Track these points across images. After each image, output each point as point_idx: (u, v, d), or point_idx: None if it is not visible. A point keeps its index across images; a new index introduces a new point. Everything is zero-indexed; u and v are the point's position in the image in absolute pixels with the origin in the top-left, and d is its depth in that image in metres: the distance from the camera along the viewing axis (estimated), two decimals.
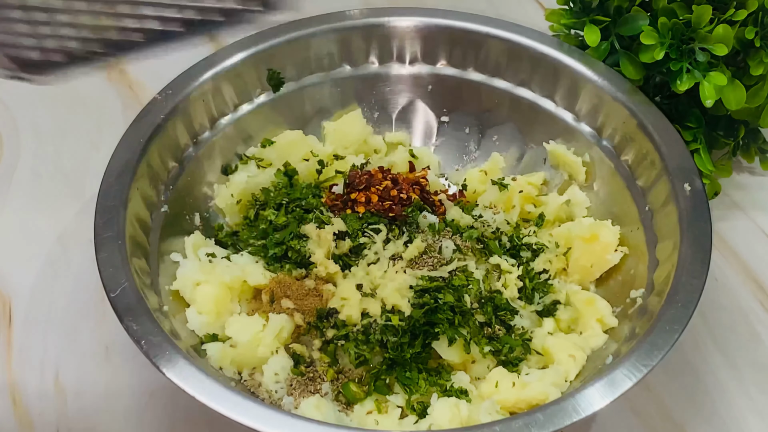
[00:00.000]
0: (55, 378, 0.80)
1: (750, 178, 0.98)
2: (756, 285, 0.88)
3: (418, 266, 0.81)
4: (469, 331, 0.74)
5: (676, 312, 0.67)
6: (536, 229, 0.86)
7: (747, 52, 0.84)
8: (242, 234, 0.84)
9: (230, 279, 0.77)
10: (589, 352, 0.74)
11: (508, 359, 0.75)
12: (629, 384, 0.63)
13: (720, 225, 0.92)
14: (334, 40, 0.90)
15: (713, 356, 0.82)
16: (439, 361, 0.75)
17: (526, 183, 0.88)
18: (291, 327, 0.76)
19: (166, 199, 0.80)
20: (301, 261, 0.80)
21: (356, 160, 0.91)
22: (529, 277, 0.81)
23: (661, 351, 0.64)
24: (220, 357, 0.73)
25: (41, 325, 0.84)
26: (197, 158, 0.85)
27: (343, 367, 0.75)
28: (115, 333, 0.72)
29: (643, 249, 0.78)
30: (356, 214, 0.84)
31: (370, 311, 0.76)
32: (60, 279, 0.88)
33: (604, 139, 0.86)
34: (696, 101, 0.84)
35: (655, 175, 0.79)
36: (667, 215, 0.76)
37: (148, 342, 0.64)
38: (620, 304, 0.77)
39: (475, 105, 0.93)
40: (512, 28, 0.90)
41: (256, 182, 0.87)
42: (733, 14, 0.81)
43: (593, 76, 0.85)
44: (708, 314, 0.85)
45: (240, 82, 0.87)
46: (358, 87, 0.93)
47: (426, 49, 0.92)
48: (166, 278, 0.76)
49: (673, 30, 0.81)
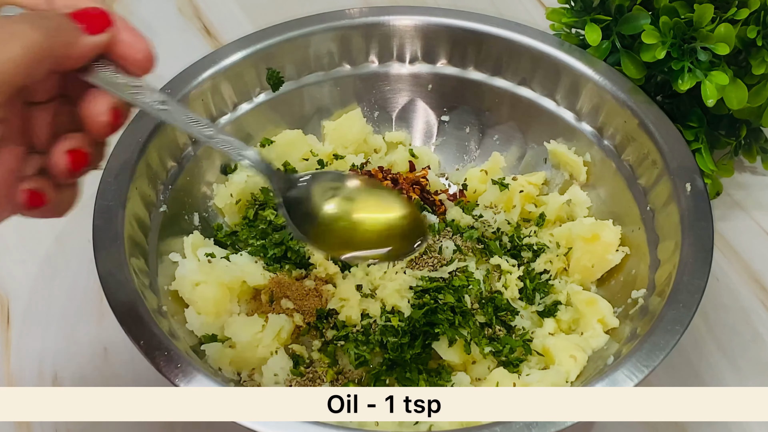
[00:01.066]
0: (54, 378, 0.80)
1: (752, 177, 0.98)
2: (758, 285, 0.87)
3: (418, 267, 0.81)
4: (470, 331, 0.74)
5: (678, 312, 0.67)
6: (537, 229, 0.85)
7: (749, 52, 0.84)
8: (241, 234, 0.84)
9: (229, 279, 0.77)
10: (590, 353, 0.74)
11: (509, 360, 0.75)
12: (630, 385, 0.62)
13: (722, 225, 0.92)
14: (333, 39, 0.90)
15: (715, 357, 0.82)
16: (439, 361, 0.74)
17: (527, 183, 0.88)
18: (290, 327, 0.76)
19: (165, 199, 0.80)
20: (300, 261, 0.80)
21: (356, 159, 0.91)
22: (529, 277, 0.81)
23: (663, 351, 0.64)
24: (219, 357, 0.73)
25: (40, 325, 0.84)
26: (196, 158, 0.84)
27: (343, 367, 0.75)
28: (113, 333, 0.72)
29: (645, 249, 0.78)
30: None
31: (369, 312, 0.76)
32: (58, 279, 0.87)
33: (605, 139, 0.86)
34: (697, 101, 0.84)
35: (657, 175, 0.79)
36: (669, 215, 0.76)
37: (146, 342, 0.64)
38: (621, 305, 0.77)
39: (476, 104, 0.93)
40: (513, 27, 0.89)
41: (256, 182, 0.86)
42: (735, 13, 0.81)
43: (594, 75, 0.85)
44: (710, 314, 0.84)
45: (239, 81, 0.87)
46: (357, 86, 0.93)
47: (426, 48, 0.92)
48: (164, 278, 0.76)
49: (675, 29, 0.81)
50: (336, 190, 0.65)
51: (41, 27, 0.46)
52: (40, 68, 0.47)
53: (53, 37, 0.47)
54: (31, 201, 0.51)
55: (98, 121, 0.51)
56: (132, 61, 0.52)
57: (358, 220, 0.65)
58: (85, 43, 0.49)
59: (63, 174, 0.51)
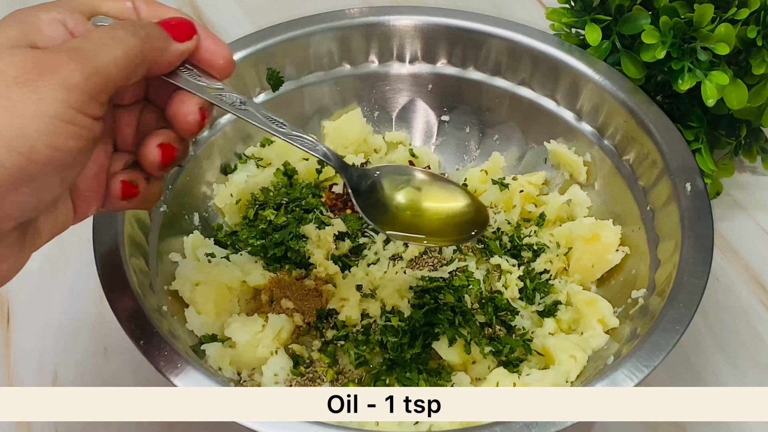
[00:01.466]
0: (54, 378, 0.80)
1: (752, 177, 0.98)
2: (758, 285, 0.87)
3: (418, 266, 0.81)
4: (470, 331, 0.74)
5: (678, 312, 0.67)
6: (537, 229, 0.85)
7: (749, 51, 0.84)
8: (241, 234, 0.84)
9: (229, 279, 0.77)
10: (590, 353, 0.74)
11: (509, 360, 0.75)
12: (630, 385, 0.62)
13: (722, 225, 0.92)
14: (333, 39, 0.90)
15: (715, 356, 0.82)
16: (439, 361, 0.74)
17: (527, 182, 0.88)
18: (290, 327, 0.76)
19: (165, 199, 0.80)
20: (300, 261, 0.80)
21: (356, 159, 0.91)
22: (529, 277, 0.81)
23: (663, 351, 0.64)
24: (219, 357, 0.73)
25: (40, 325, 0.84)
26: (196, 157, 0.84)
27: (343, 367, 0.75)
28: (113, 333, 0.72)
29: (645, 249, 0.78)
30: (356, 215, 0.84)
31: (369, 312, 0.76)
32: (58, 279, 0.87)
33: (605, 139, 0.86)
34: (697, 100, 0.84)
35: (657, 175, 0.79)
36: (669, 215, 0.76)
37: (146, 342, 0.64)
38: (621, 305, 0.77)
39: (476, 104, 0.93)
40: (513, 27, 0.89)
41: (256, 182, 0.86)
42: (735, 13, 0.81)
43: (594, 75, 0.85)
44: (710, 314, 0.84)
45: (239, 81, 0.87)
46: (357, 86, 0.93)
47: (426, 48, 0.92)
48: (164, 278, 0.76)
49: (675, 29, 0.81)
50: (405, 182, 0.70)
51: (137, 35, 0.51)
52: (137, 72, 0.51)
53: (148, 44, 0.51)
54: (125, 191, 0.55)
55: (188, 120, 0.55)
56: (215, 65, 0.57)
57: (425, 209, 0.69)
58: (174, 50, 0.54)
59: (154, 166, 0.55)
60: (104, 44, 0.49)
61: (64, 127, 0.47)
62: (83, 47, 0.49)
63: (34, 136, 0.46)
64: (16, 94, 0.46)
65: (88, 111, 0.48)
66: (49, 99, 0.46)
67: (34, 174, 0.47)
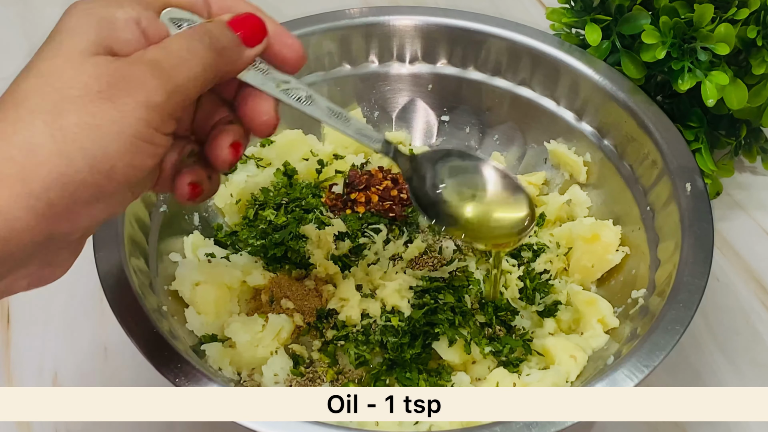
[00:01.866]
0: (54, 378, 0.80)
1: (752, 177, 0.98)
2: (758, 285, 0.87)
3: (419, 266, 0.81)
4: (470, 331, 0.74)
5: (678, 312, 0.67)
6: (537, 229, 0.85)
7: (749, 51, 0.84)
8: (241, 234, 0.84)
9: (229, 279, 0.77)
10: (590, 353, 0.74)
11: (509, 360, 0.75)
12: (630, 385, 0.62)
13: (722, 225, 0.92)
14: (333, 39, 0.90)
15: (715, 357, 0.82)
16: (439, 361, 0.74)
17: (527, 183, 0.88)
18: (290, 327, 0.76)
19: (165, 199, 0.80)
20: (300, 261, 0.80)
21: (356, 159, 0.90)
22: (529, 277, 0.81)
23: (663, 351, 0.64)
24: (219, 357, 0.73)
25: (40, 325, 0.84)
26: None
27: (343, 367, 0.75)
28: (113, 333, 0.72)
29: (645, 249, 0.78)
30: (356, 215, 0.84)
31: (369, 312, 0.76)
32: (58, 279, 0.87)
33: (605, 139, 0.86)
34: (697, 100, 0.84)
35: (657, 175, 0.79)
36: (669, 215, 0.76)
37: (146, 342, 0.64)
38: (621, 305, 0.77)
39: (476, 104, 0.93)
40: (513, 27, 0.89)
41: (256, 182, 0.86)
42: (735, 13, 0.81)
43: (594, 75, 0.85)
44: (710, 315, 0.84)
45: None
46: (357, 86, 0.93)
47: (426, 48, 0.92)
48: (164, 278, 0.76)
49: (675, 29, 0.81)
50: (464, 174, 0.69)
51: (214, 47, 0.51)
52: (211, 82, 0.51)
53: (221, 56, 0.51)
54: (193, 193, 0.55)
55: (263, 121, 0.55)
56: (287, 61, 0.56)
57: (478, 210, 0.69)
58: (246, 56, 0.53)
59: (223, 165, 0.55)
60: (184, 60, 0.49)
61: (144, 146, 0.47)
62: (163, 62, 0.48)
63: (115, 157, 0.46)
64: (99, 110, 0.45)
65: (165, 129, 0.48)
66: (132, 118, 0.46)
67: (112, 192, 0.47)
